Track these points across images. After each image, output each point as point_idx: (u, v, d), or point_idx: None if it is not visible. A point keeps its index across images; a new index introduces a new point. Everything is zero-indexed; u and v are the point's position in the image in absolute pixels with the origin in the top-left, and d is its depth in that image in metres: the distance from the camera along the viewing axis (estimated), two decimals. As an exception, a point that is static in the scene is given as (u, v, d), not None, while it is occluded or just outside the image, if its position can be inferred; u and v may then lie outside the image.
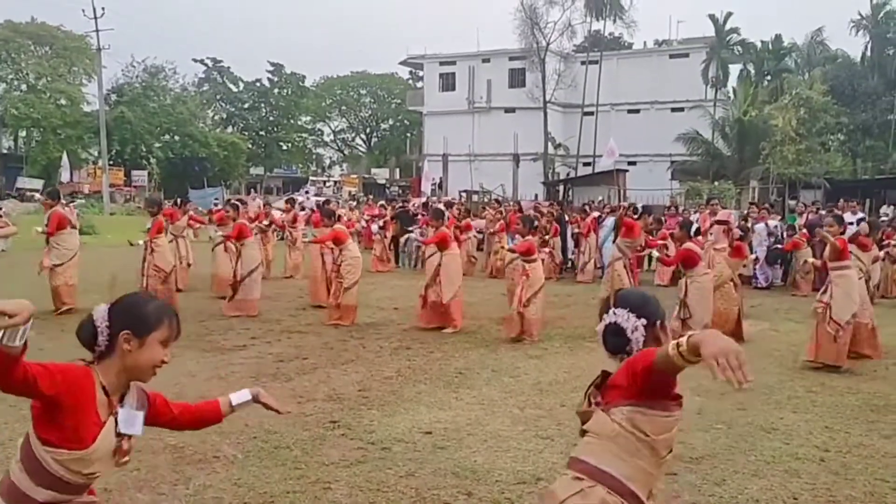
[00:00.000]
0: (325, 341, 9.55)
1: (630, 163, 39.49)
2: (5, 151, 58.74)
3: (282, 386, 7.26)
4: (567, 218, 17.77)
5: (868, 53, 44.72)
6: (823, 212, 16.92)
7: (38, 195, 33.12)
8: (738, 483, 4.98)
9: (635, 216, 12.46)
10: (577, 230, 14.48)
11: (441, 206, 14.29)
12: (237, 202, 13.82)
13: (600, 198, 28.68)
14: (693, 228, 10.16)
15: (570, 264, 17.13)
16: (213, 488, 4.69)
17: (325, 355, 8.71)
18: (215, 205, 12.97)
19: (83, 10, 41.62)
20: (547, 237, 15.46)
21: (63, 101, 50.44)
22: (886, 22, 44.00)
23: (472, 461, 5.22)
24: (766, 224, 16.34)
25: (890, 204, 27.70)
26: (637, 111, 47.64)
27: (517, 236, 10.69)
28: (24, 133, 54.37)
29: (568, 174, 43.60)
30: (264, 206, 16.95)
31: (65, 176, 38.35)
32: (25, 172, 46.94)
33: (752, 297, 13.35)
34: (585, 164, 44.48)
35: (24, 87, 53.38)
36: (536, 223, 11.38)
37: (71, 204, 14.39)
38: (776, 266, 16.15)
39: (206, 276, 13.69)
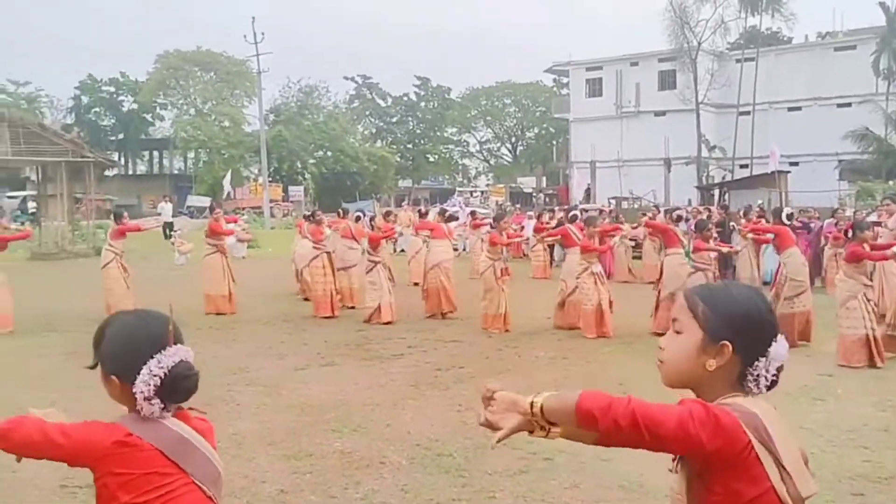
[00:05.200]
0: (480, 350, 9.59)
1: (792, 163, 37.31)
2: (176, 172, 63.48)
3: (440, 395, 7.33)
4: (732, 223, 16.94)
5: None
6: None
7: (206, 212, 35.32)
8: (940, 508, 4.54)
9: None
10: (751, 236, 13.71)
11: (595, 213, 14.09)
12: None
13: (759, 201, 27.32)
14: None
15: (733, 271, 16.34)
16: (381, 493, 4.78)
17: (481, 364, 8.73)
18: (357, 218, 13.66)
19: (244, 36, 44.12)
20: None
21: (226, 123, 53.86)
22: None
23: (640, 475, 5.04)
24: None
25: None
26: (798, 108, 45.02)
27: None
28: (192, 154, 58.45)
29: (724, 177, 41.82)
30: (421, 215, 17.27)
31: (227, 189, 40.78)
32: (194, 191, 50.41)
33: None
34: (742, 167, 42.53)
35: (192, 111, 57.54)
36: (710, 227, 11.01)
37: (241, 218, 15.36)
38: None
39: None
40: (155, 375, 1.91)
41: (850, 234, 8.75)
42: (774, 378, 1.73)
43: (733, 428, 1.60)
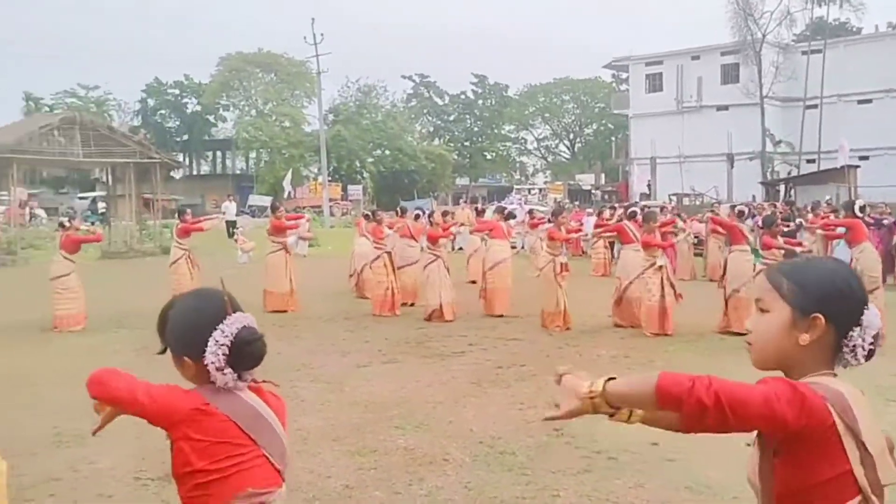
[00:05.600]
0: (540, 348, 9.54)
1: (862, 158, 36.15)
2: (238, 172, 64.75)
3: (502, 392, 7.32)
4: (799, 220, 16.51)
5: None
6: None
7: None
8: None
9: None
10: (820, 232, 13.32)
11: (656, 210, 13.91)
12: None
13: (827, 197, 26.57)
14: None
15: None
16: (444, 490, 4.80)
17: (542, 362, 8.68)
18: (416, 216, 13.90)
19: (304, 37, 44.69)
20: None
21: (287, 123, 54.68)
22: None
23: (706, 475, 4.96)
24: None
25: None
26: (869, 101, 43.55)
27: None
28: (253, 154, 59.54)
29: (789, 172, 40.77)
30: (478, 213, 17.31)
31: (287, 189, 41.39)
32: (256, 190, 51.33)
33: None
34: (809, 161, 41.40)
35: (253, 111, 58.59)
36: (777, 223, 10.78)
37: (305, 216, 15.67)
38: None
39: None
40: (222, 345, 1.97)
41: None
42: (871, 347, 1.69)
43: (819, 407, 1.57)
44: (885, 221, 15.82)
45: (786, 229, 14.26)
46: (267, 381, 2.15)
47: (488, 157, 71.55)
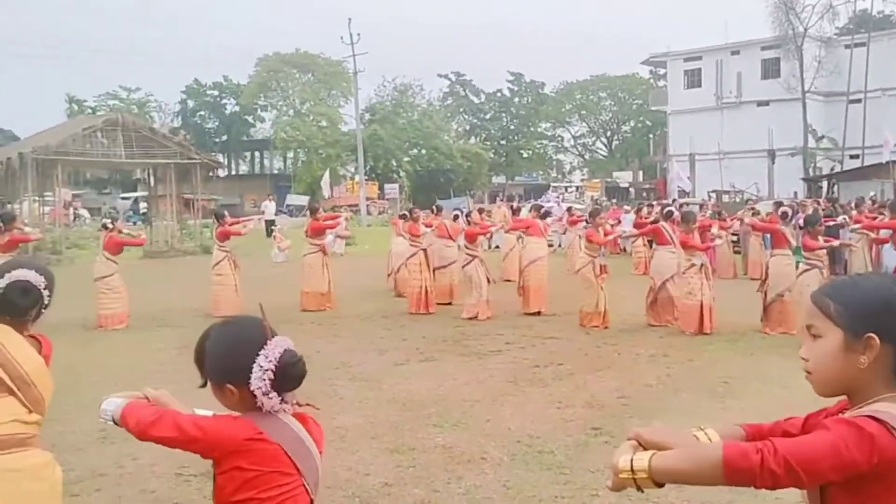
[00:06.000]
0: (578, 347, 9.50)
1: (907, 152, 35.35)
2: (276, 171, 65.40)
3: (540, 391, 7.30)
4: (844, 216, 16.17)
5: None
6: None
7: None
8: None
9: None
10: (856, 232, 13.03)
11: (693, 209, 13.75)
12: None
13: (872, 193, 26.00)
14: None
15: (844, 266, 15.59)
16: (483, 489, 4.80)
17: (580, 361, 8.65)
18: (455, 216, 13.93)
19: (341, 38, 44.95)
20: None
21: (324, 123, 55.03)
22: None
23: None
24: None
25: None
26: (913, 95, 42.58)
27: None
28: (291, 154, 60.05)
29: (832, 168, 39.99)
30: (514, 211, 17.30)
31: (326, 192, 41.73)
32: (293, 190, 51.78)
33: None
34: (853, 157, 40.56)
35: (290, 111, 59.08)
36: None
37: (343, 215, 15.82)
38: None
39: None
40: (267, 370, 1.98)
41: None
42: None
43: (888, 444, 1.51)
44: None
45: (831, 224, 13.98)
46: (309, 404, 2.16)
47: (525, 155, 71.25)
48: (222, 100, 67.06)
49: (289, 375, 2.01)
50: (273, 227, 26.98)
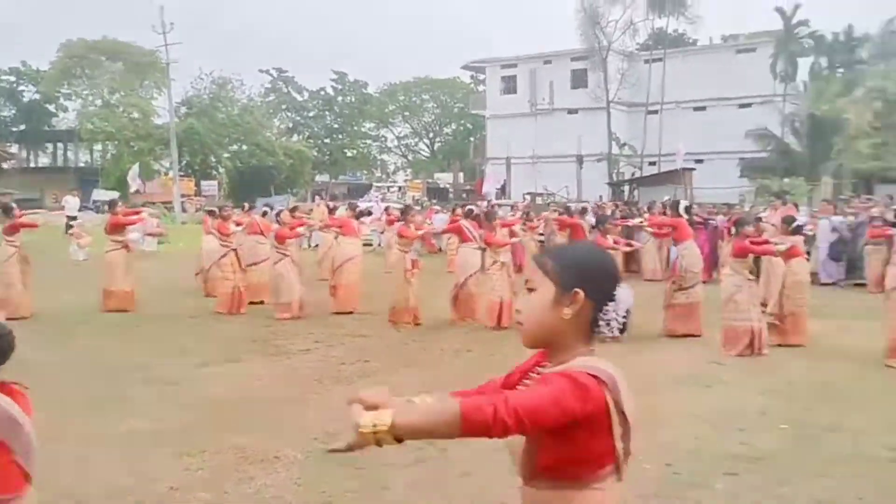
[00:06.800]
0: (387, 344, 9.66)
1: (697, 161, 38.67)
2: (82, 165, 61.14)
3: (344, 389, 7.35)
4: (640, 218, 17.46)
5: (948, 41, 42.79)
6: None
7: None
8: (802, 483, 4.84)
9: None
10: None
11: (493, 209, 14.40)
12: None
13: (666, 197, 28.20)
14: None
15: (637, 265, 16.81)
16: (273, 487, 4.79)
17: (387, 358, 8.80)
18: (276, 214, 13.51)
19: (153, 26, 42.80)
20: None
21: (136, 115, 52.05)
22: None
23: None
24: (830, 220, 15.90)
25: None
26: (703, 108, 46.59)
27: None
28: (99, 147, 56.38)
29: (633, 174, 42.96)
30: (330, 210, 17.29)
31: (132, 186, 39.61)
32: (101, 185, 48.64)
33: (819, 294, 12.91)
34: (651, 164, 43.76)
35: (98, 101, 55.40)
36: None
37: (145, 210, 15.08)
38: (840, 262, 15.69)
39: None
40: None
41: (733, 230, 9.18)
42: (624, 320, 1.88)
43: (598, 393, 1.73)
44: (713, 221, 16.96)
45: (629, 224, 15.08)
46: (17, 382, 2.10)
47: (349, 154, 71.11)
48: (19, 86, 61.85)
49: None
50: (71, 223, 25.28)
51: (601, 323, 1.86)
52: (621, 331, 1.89)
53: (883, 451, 5.42)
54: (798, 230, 9.76)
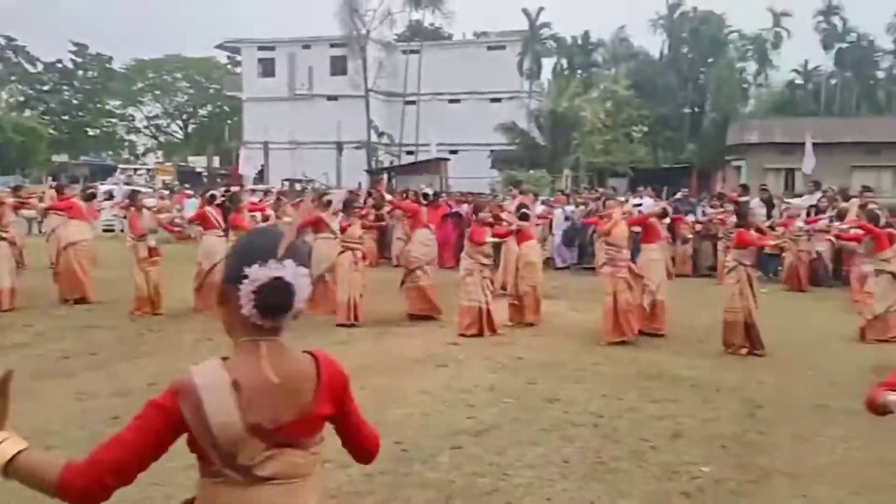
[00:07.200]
0: (121, 335, 9.11)
1: (452, 152, 40.25)
2: None
3: (65, 383, 6.84)
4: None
5: (665, 51, 48.10)
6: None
7: None
8: (517, 452, 5.21)
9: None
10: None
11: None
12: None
13: (423, 186, 29.04)
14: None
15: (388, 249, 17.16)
16: (-35, 496, 4.30)
17: (118, 350, 8.28)
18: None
19: None
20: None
21: None
22: (681, 22, 47.49)
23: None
24: (563, 209, 17.33)
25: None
26: (458, 101, 48.59)
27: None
28: None
29: (391, 162, 43.82)
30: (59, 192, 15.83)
31: None
32: None
33: (553, 277, 14.00)
34: (409, 153, 44.87)
35: None
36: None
37: None
38: (573, 248, 17.17)
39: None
40: None
41: (474, 217, 9.71)
42: (267, 302, 1.70)
43: (171, 407, 1.67)
44: (459, 210, 17.76)
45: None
46: None
47: (91, 133, 65.73)
48: None
49: None
50: None
51: (243, 308, 1.70)
52: (266, 313, 1.71)
53: (589, 419, 5.98)
54: (525, 217, 10.47)
